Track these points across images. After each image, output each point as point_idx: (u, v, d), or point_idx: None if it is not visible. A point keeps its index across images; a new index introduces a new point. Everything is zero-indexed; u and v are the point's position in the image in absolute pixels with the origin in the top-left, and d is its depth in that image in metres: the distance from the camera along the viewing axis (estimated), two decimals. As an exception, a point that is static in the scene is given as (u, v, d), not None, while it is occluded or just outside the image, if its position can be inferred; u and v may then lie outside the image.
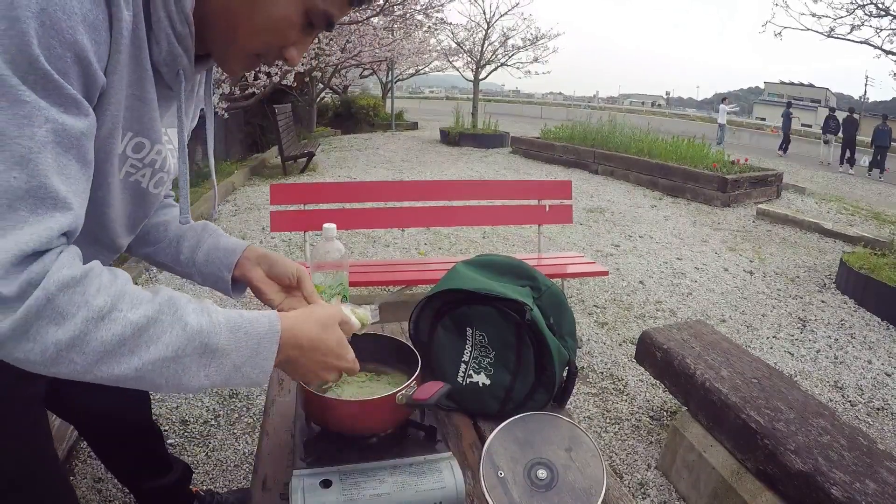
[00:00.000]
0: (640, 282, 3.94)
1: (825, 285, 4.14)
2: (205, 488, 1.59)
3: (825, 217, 6.50)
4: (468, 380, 1.09)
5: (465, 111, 13.51)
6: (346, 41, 9.25)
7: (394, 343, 1.00)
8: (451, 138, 11.86)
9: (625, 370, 2.68)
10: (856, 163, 13.01)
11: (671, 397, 2.26)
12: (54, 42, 0.49)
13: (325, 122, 14.57)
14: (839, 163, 13.22)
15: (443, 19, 13.79)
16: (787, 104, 18.03)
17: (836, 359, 2.99)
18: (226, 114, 6.42)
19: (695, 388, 1.83)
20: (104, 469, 1.77)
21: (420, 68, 17.92)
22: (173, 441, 1.97)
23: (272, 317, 0.65)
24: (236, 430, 2.07)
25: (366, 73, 17.47)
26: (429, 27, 13.81)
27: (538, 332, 1.05)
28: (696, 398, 1.82)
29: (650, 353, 2.10)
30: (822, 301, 3.82)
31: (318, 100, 13.82)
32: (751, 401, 1.65)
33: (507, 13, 14.85)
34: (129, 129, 0.65)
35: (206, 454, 1.93)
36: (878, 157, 12.37)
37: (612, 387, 2.54)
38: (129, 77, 0.61)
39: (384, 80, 18.19)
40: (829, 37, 8.23)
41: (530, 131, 12.83)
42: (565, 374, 1.12)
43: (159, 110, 0.69)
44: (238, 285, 0.92)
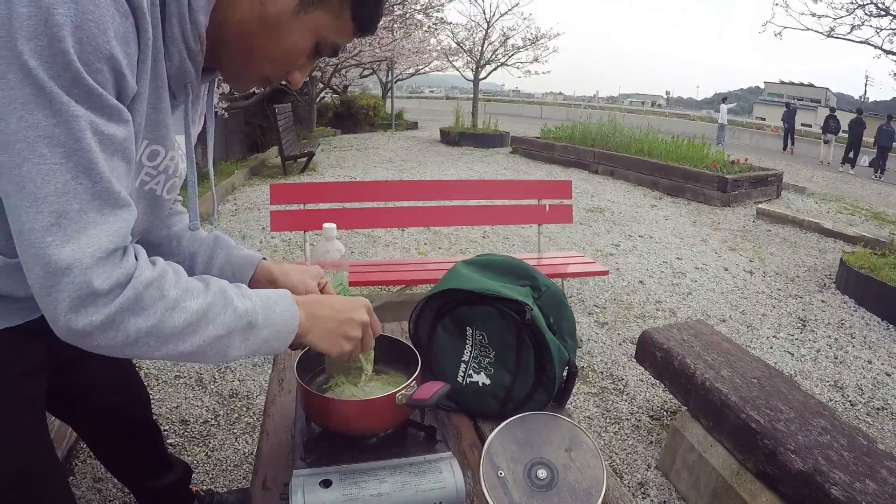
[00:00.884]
0: (640, 281, 3.94)
1: (825, 285, 4.14)
2: (205, 488, 1.59)
3: (825, 217, 6.51)
4: (468, 380, 1.09)
5: (465, 111, 13.51)
6: (346, 41, 9.23)
7: (394, 343, 0.99)
8: (451, 138, 11.86)
9: (625, 370, 2.68)
10: (856, 163, 13.02)
11: (671, 397, 2.26)
12: (92, 57, 0.53)
13: (325, 122, 14.57)
14: (840, 162, 13.23)
15: (443, 19, 13.79)
16: (785, 104, 18.09)
17: (836, 359, 2.99)
18: (226, 114, 6.42)
19: (695, 387, 1.83)
20: (104, 469, 1.76)
21: (420, 68, 17.91)
22: (173, 441, 1.97)
23: (289, 301, 0.74)
24: (236, 430, 2.07)
25: (366, 72, 17.47)
26: (429, 27, 13.81)
27: (538, 332, 1.05)
28: (696, 398, 1.82)
29: (650, 352, 2.10)
30: (822, 301, 3.82)
31: (318, 100, 13.82)
32: (751, 401, 1.65)
33: (507, 13, 14.88)
34: (146, 138, 0.69)
35: (206, 454, 1.93)
36: (880, 157, 12.37)
37: (612, 387, 2.54)
38: (148, 87, 0.64)
39: (384, 80, 18.20)
40: (829, 37, 8.22)
41: (530, 131, 12.83)
42: (565, 374, 1.12)
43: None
44: None
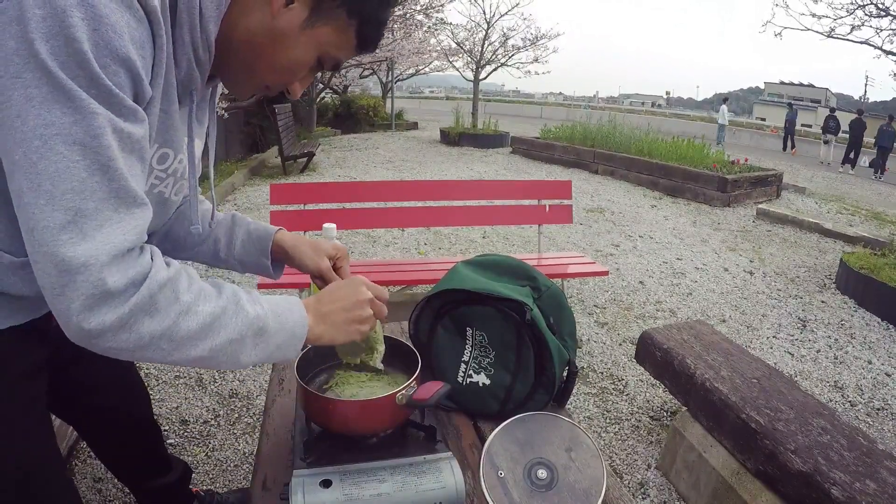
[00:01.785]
0: (640, 282, 3.94)
1: (825, 285, 4.14)
2: (205, 488, 1.59)
3: (825, 217, 6.51)
4: (468, 380, 1.09)
5: (465, 111, 13.51)
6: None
7: (394, 343, 0.99)
8: (451, 138, 11.86)
9: (625, 370, 2.68)
10: (856, 164, 13.02)
11: (671, 397, 2.26)
12: (108, 59, 0.54)
13: (325, 122, 14.57)
14: (841, 163, 13.23)
15: (443, 19, 13.82)
16: (788, 104, 18.11)
17: (836, 359, 2.99)
18: (226, 114, 6.42)
19: (695, 388, 1.83)
20: (104, 469, 1.77)
21: (420, 68, 17.91)
22: (173, 441, 1.97)
23: (298, 306, 0.74)
24: (236, 430, 2.07)
25: (366, 73, 17.46)
26: (429, 27, 13.82)
27: (538, 332, 1.05)
28: (696, 398, 1.82)
29: (650, 353, 2.10)
30: (822, 301, 3.82)
31: (318, 100, 13.82)
32: (751, 401, 1.65)
33: (507, 13, 14.89)
34: (156, 141, 0.69)
35: (206, 454, 1.93)
36: (880, 157, 12.37)
37: (612, 387, 2.54)
38: (160, 91, 0.65)
39: (384, 80, 18.19)
40: (829, 37, 8.23)
41: (530, 131, 12.83)
42: (565, 374, 1.12)
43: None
44: (277, 264, 1.00)
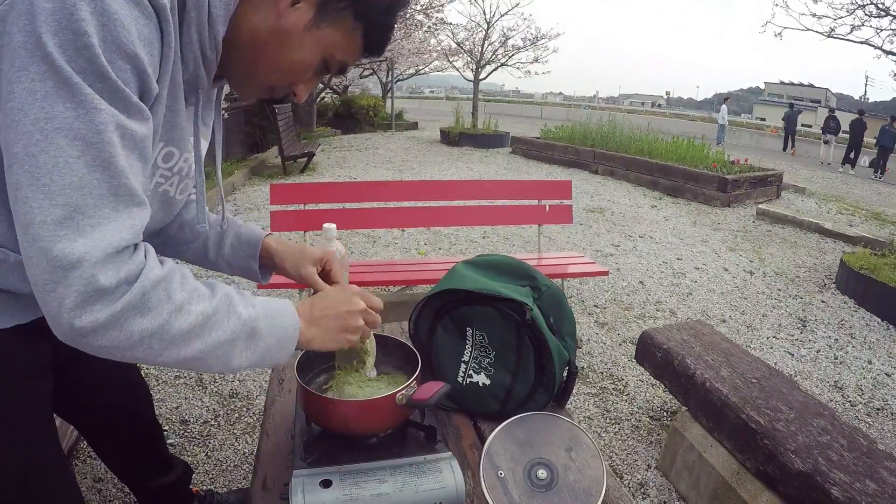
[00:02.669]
0: (640, 282, 3.94)
1: (825, 285, 4.14)
2: (205, 488, 1.59)
3: (825, 217, 6.51)
4: (468, 380, 1.09)
5: (465, 111, 13.50)
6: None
7: (394, 343, 1.00)
8: (451, 138, 11.86)
9: (625, 370, 2.68)
10: (856, 164, 13.02)
11: (671, 397, 2.26)
12: (115, 55, 0.54)
13: (325, 122, 14.57)
14: (841, 163, 13.23)
15: (443, 19, 13.82)
16: (790, 104, 18.10)
17: (836, 359, 2.99)
18: (226, 114, 6.42)
19: (695, 388, 1.83)
20: (104, 469, 1.77)
21: (420, 68, 17.92)
22: (173, 441, 1.97)
23: (290, 310, 0.73)
24: (236, 430, 2.07)
25: (366, 73, 17.47)
26: (429, 27, 13.83)
27: (538, 332, 1.05)
28: (696, 398, 1.82)
29: (650, 353, 2.10)
30: (822, 301, 3.82)
31: (318, 100, 13.83)
32: (751, 401, 1.65)
33: (507, 13, 14.89)
34: (162, 139, 0.69)
35: (206, 454, 1.93)
36: (880, 157, 12.37)
37: (612, 387, 2.54)
38: (167, 89, 0.65)
39: (384, 80, 18.20)
40: (829, 37, 8.24)
41: (530, 131, 12.83)
42: (565, 374, 1.12)
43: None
44: (265, 269, 1.00)
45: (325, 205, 3.03)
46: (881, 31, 7.81)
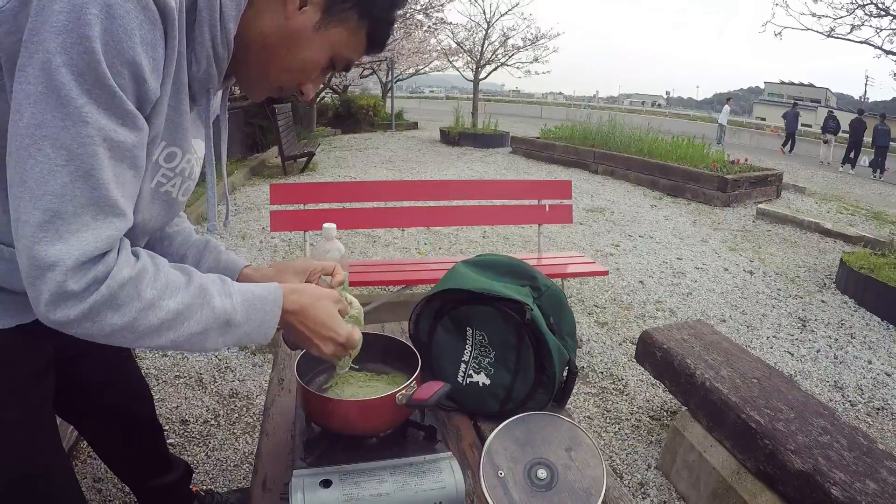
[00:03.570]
0: (640, 282, 3.94)
1: (825, 285, 4.14)
2: (205, 488, 1.59)
3: (825, 217, 6.51)
4: (468, 380, 1.09)
5: (465, 111, 13.49)
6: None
7: (394, 343, 1.00)
8: (451, 138, 11.86)
9: (625, 370, 2.68)
10: (856, 164, 13.01)
11: (671, 397, 2.26)
12: (115, 60, 0.55)
13: (325, 121, 14.56)
14: (841, 163, 13.23)
15: (443, 19, 13.82)
16: (793, 104, 18.04)
17: (836, 359, 2.99)
18: (226, 114, 6.41)
19: (695, 388, 1.83)
20: (104, 469, 1.77)
21: (420, 68, 17.92)
22: (173, 441, 1.97)
23: (277, 294, 0.74)
24: (236, 430, 2.07)
25: (366, 73, 17.46)
26: (429, 27, 13.82)
27: (538, 332, 1.05)
28: (696, 398, 1.82)
29: (650, 352, 2.10)
30: (822, 301, 3.82)
31: (319, 100, 13.82)
32: (751, 401, 1.65)
33: (507, 13, 14.89)
34: (164, 139, 0.69)
35: (206, 454, 1.93)
36: (879, 156, 12.37)
37: (612, 387, 2.54)
38: (170, 90, 0.65)
39: (384, 80, 18.19)
40: (829, 37, 8.24)
41: (530, 131, 12.83)
42: (565, 374, 1.12)
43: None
44: None
45: (325, 205, 3.03)
46: (881, 30, 7.81)
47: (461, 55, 15.00)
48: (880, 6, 7.54)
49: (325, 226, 0.99)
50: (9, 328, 0.75)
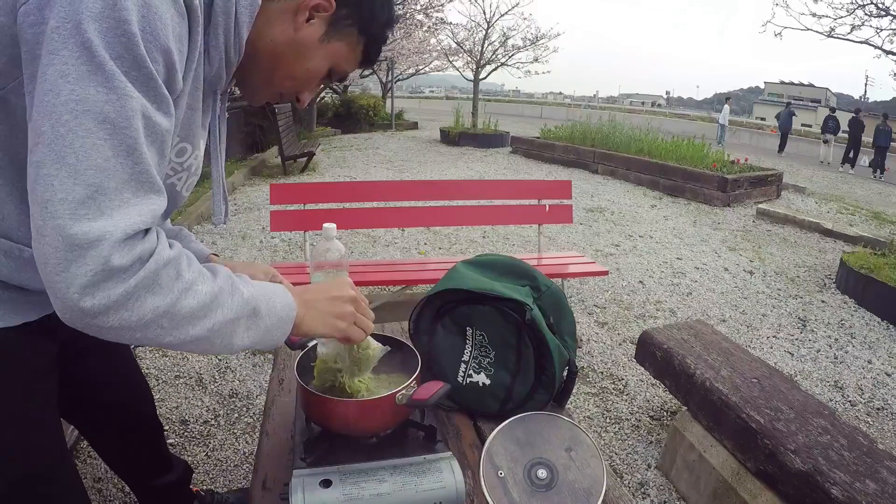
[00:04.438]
0: (640, 281, 3.94)
1: (825, 285, 4.14)
2: (205, 488, 1.59)
3: (825, 217, 6.51)
4: (468, 380, 1.09)
5: (465, 111, 13.50)
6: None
7: (394, 343, 0.99)
8: (451, 138, 11.86)
9: (625, 370, 2.68)
10: (856, 164, 13.01)
11: (671, 397, 2.26)
12: (152, 45, 0.56)
13: (325, 121, 14.55)
14: (841, 162, 13.22)
15: (443, 19, 13.83)
16: (786, 104, 18.01)
17: (836, 359, 2.99)
18: (226, 113, 6.42)
19: (695, 388, 1.83)
20: (104, 469, 1.77)
21: (420, 68, 17.92)
22: (173, 441, 1.97)
23: (286, 292, 0.75)
24: (236, 430, 2.07)
25: (366, 73, 17.45)
26: (429, 27, 13.83)
27: (538, 331, 1.05)
28: (696, 398, 1.82)
29: (650, 352, 2.10)
30: (822, 301, 3.82)
31: (318, 100, 13.82)
32: (751, 401, 1.65)
33: (507, 13, 14.88)
34: (178, 134, 0.71)
35: (206, 454, 1.93)
36: (879, 156, 12.36)
37: (612, 387, 2.54)
38: (189, 86, 0.67)
39: (384, 80, 18.19)
40: (829, 37, 8.24)
41: (530, 131, 12.83)
42: (565, 374, 1.12)
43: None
44: None
45: (325, 205, 3.03)
46: (881, 30, 7.82)
47: (461, 55, 14.99)
48: (880, 6, 7.55)
49: (325, 226, 0.99)
50: (14, 326, 0.75)
